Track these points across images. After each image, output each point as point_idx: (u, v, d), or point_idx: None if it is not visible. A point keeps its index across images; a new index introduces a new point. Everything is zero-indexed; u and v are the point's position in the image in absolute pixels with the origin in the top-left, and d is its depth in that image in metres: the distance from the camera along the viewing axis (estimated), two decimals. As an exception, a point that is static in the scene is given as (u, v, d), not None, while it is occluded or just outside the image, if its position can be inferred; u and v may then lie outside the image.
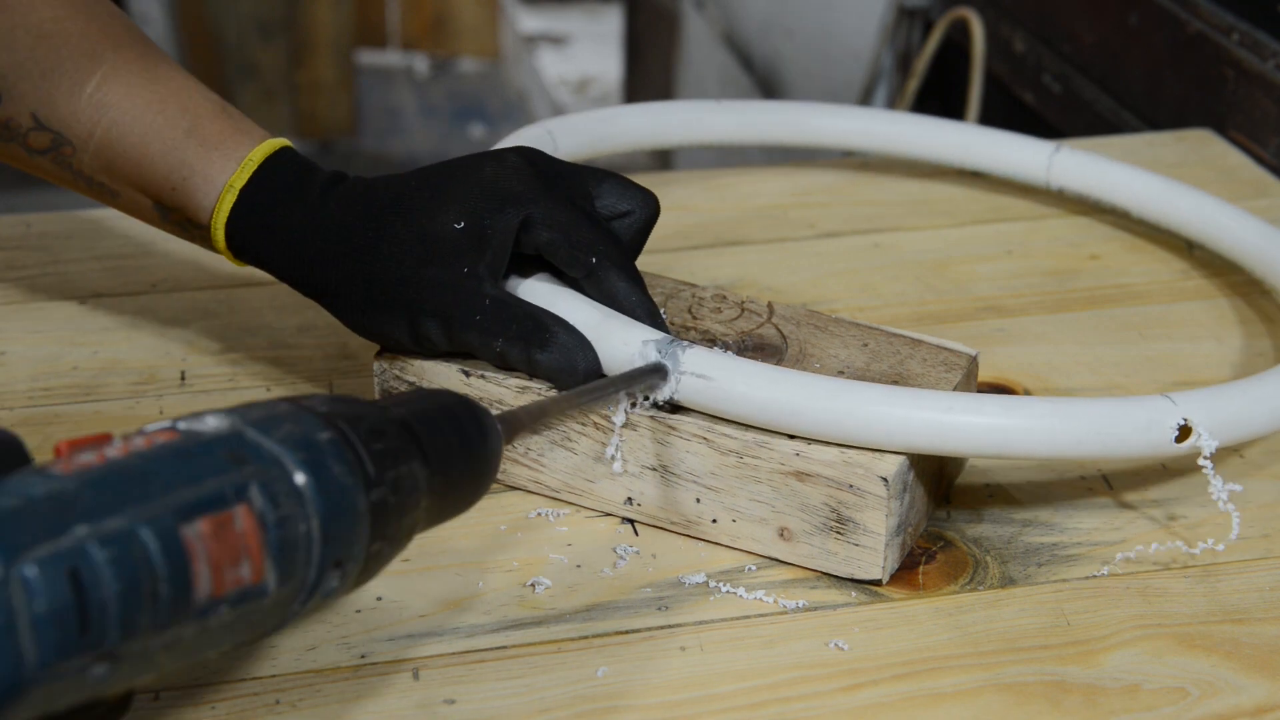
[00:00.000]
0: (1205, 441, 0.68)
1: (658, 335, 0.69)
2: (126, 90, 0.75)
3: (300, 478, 0.50)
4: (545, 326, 0.69)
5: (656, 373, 0.68)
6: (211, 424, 0.50)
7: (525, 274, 0.73)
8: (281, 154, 0.75)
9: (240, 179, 0.74)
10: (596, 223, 0.72)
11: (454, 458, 0.56)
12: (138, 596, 0.45)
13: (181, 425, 0.50)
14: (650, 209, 0.74)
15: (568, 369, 0.69)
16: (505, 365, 0.71)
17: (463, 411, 0.58)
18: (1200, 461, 0.68)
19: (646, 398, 0.69)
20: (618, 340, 0.69)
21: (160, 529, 0.46)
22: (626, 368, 0.69)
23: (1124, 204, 0.98)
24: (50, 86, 0.74)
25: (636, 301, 0.71)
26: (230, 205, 0.74)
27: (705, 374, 0.68)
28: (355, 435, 0.52)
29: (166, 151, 0.74)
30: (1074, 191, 1.00)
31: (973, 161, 1.02)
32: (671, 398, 0.68)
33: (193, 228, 0.76)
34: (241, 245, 0.75)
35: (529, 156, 0.73)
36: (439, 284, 0.70)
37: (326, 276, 0.73)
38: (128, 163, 0.75)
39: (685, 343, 0.69)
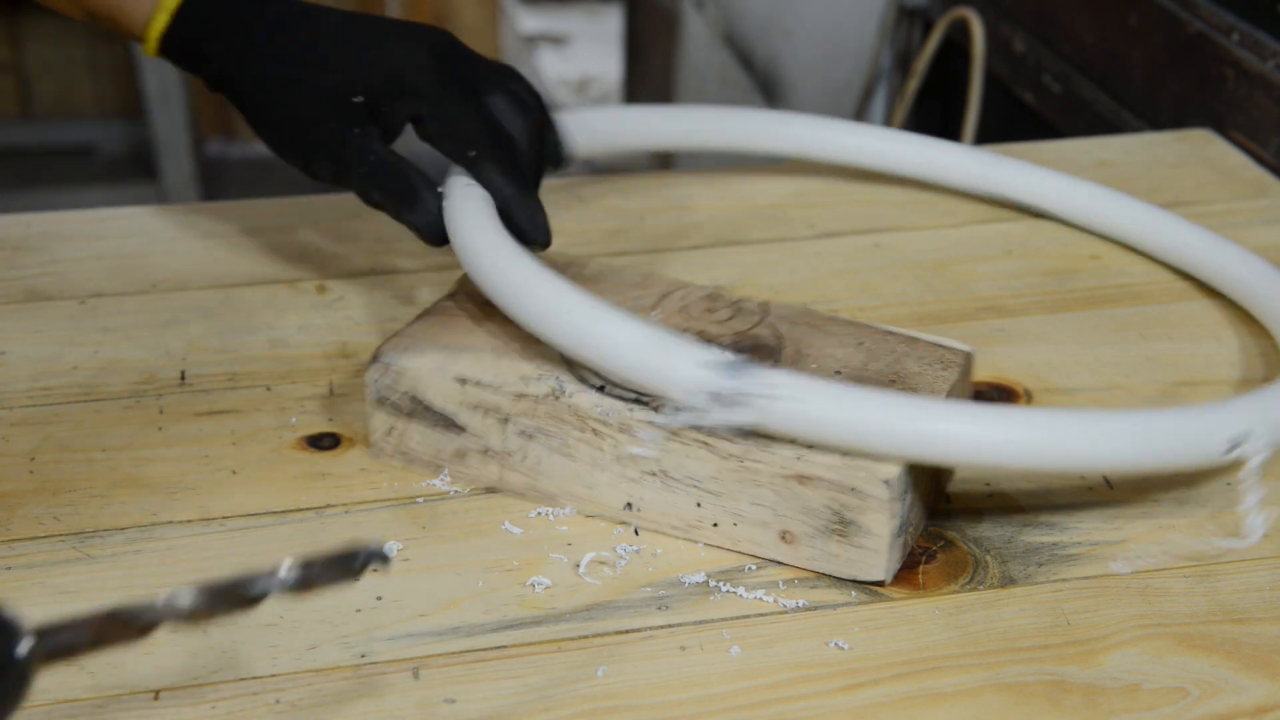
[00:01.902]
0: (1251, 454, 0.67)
1: (715, 357, 0.66)
2: None
3: None
4: (416, 191, 0.77)
5: (345, 562, 0.54)
6: None
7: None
8: None
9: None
10: (484, 119, 0.78)
11: None
12: None
13: None
14: (540, 108, 0.81)
15: (428, 230, 0.77)
16: (387, 213, 0.79)
17: None
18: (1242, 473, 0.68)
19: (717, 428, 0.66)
20: (675, 363, 0.66)
21: None
22: (684, 390, 0.65)
23: (1118, 236, 0.98)
24: None
25: (510, 194, 0.77)
26: (163, 26, 0.80)
27: (787, 396, 0.65)
28: None
29: None
30: (1064, 220, 1.01)
31: (970, 185, 1.02)
32: (752, 423, 0.65)
33: (122, 34, 0.82)
34: (177, 57, 0.82)
35: (439, 50, 0.80)
36: (335, 137, 0.78)
37: (249, 102, 0.80)
38: None
39: (755, 364, 0.66)
